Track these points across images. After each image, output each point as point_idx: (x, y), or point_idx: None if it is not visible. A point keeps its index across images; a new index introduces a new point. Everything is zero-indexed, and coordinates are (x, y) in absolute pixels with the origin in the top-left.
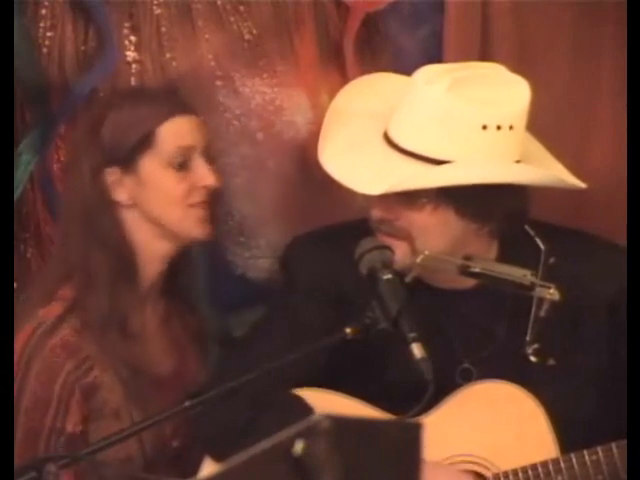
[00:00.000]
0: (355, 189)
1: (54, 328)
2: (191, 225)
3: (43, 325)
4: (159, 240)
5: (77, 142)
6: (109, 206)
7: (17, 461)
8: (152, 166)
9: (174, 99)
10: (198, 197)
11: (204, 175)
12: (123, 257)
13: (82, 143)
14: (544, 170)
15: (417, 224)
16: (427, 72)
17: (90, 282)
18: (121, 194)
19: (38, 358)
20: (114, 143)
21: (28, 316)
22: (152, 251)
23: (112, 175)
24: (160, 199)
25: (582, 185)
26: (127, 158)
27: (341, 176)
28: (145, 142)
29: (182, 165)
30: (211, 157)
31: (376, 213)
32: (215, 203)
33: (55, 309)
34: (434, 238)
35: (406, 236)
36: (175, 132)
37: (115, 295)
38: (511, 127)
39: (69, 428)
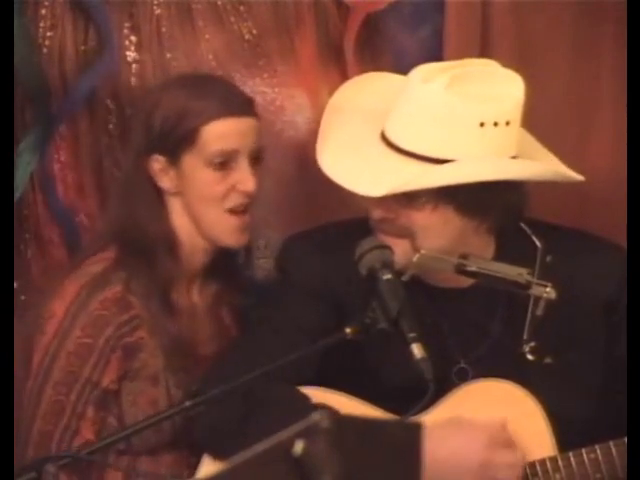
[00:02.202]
0: (356, 191)
1: (106, 282)
2: (225, 231)
3: (95, 278)
4: (199, 235)
5: (132, 122)
6: (154, 191)
7: (44, 406)
8: (193, 163)
9: (231, 97)
10: (235, 200)
11: (244, 179)
12: (165, 238)
13: (135, 125)
14: (544, 165)
15: (418, 223)
16: (423, 70)
17: (132, 255)
18: (166, 182)
19: (88, 309)
20: (162, 132)
21: (73, 273)
22: (194, 244)
23: (158, 163)
24: (198, 197)
25: (580, 178)
26: (172, 150)
27: (341, 179)
28: (188, 138)
29: (223, 165)
30: (258, 161)
31: (376, 213)
32: (252, 211)
33: (104, 264)
34: (434, 236)
35: (407, 234)
36: (219, 134)
37: (156, 271)
38: (507, 123)
39: (104, 383)
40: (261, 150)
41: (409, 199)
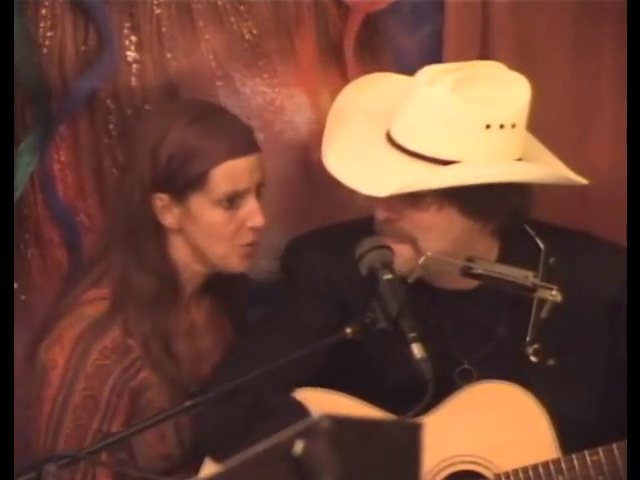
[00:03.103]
0: (362, 192)
1: (104, 328)
2: (233, 261)
3: (93, 325)
4: (199, 264)
5: (134, 151)
6: (155, 228)
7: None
8: (201, 204)
9: (237, 134)
10: (245, 239)
11: (253, 216)
12: (166, 278)
13: (139, 155)
14: (549, 167)
15: (422, 224)
16: (429, 72)
17: (132, 301)
18: (168, 220)
19: (89, 359)
20: (168, 171)
21: (68, 316)
22: (192, 271)
23: (162, 201)
24: (206, 235)
25: (583, 181)
26: (178, 190)
27: (347, 179)
28: (197, 181)
29: (232, 204)
30: (263, 194)
31: (380, 214)
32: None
33: (100, 307)
34: (438, 238)
35: (409, 239)
36: (230, 175)
37: (157, 314)
38: (513, 125)
39: (114, 429)
40: (264, 179)
41: (414, 200)
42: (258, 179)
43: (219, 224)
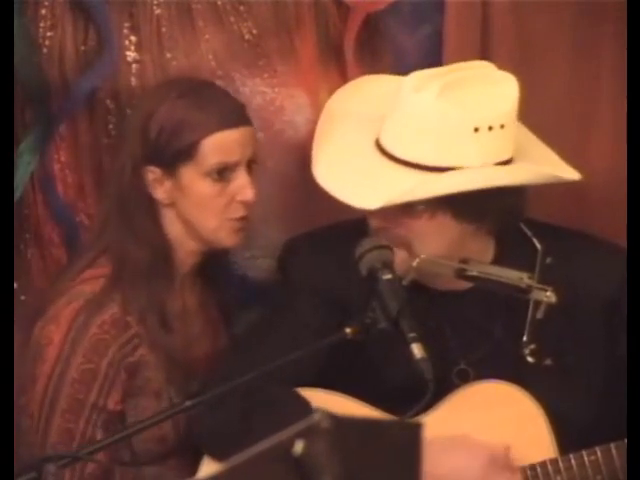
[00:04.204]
0: (353, 205)
1: (102, 304)
2: (224, 235)
3: (91, 301)
4: (191, 240)
5: (125, 129)
6: (148, 202)
7: (54, 434)
8: (192, 175)
9: (229, 107)
10: (236, 213)
11: (244, 189)
12: (160, 251)
13: (129, 132)
14: (542, 168)
15: (415, 231)
16: (415, 79)
17: (128, 272)
18: (160, 193)
19: (87, 334)
20: (158, 144)
21: (66, 293)
22: (185, 247)
23: (153, 174)
24: (197, 207)
25: (575, 177)
26: (169, 162)
27: (336, 191)
28: (188, 152)
29: (222, 177)
30: (254, 166)
31: (374, 223)
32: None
33: (98, 285)
34: (432, 243)
35: (404, 244)
36: (220, 147)
37: (153, 286)
38: (502, 126)
39: (110, 406)
40: (256, 155)
41: (406, 208)
42: (249, 153)
43: (209, 196)
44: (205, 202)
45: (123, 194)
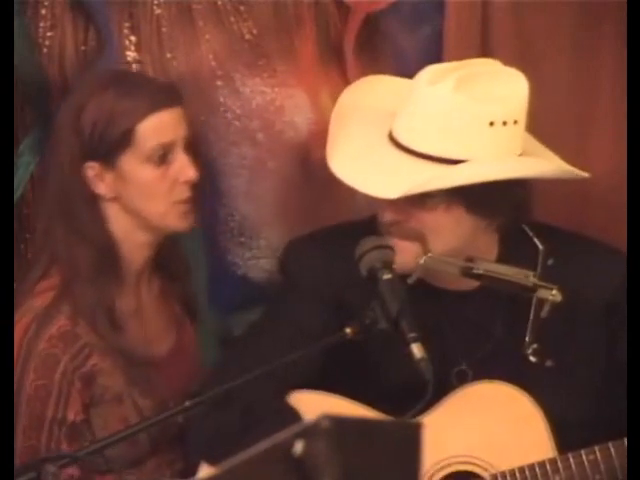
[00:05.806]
0: (371, 194)
1: (50, 318)
2: (174, 219)
3: (39, 316)
4: (140, 231)
5: (57, 130)
6: (89, 199)
7: (19, 452)
8: (132, 163)
9: (157, 89)
10: (181, 194)
11: (184, 169)
12: (105, 249)
13: (62, 131)
14: (555, 163)
15: (429, 224)
16: (430, 72)
17: (74, 275)
18: (102, 188)
19: (36, 349)
20: (93, 138)
21: (19, 309)
22: (134, 241)
23: (92, 170)
24: (142, 195)
25: (585, 174)
26: (106, 154)
27: (354, 182)
28: (124, 140)
29: (162, 159)
30: (193, 147)
31: (387, 215)
32: (198, 193)
33: (47, 298)
34: (446, 237)
35: (418, 237)
36: (156, 128)
37: (100, 286)
38: (515, 122)
39: (71, 417)
40: (193, 137)
41: (422, 200)
42: (184, 132)
43: (152, 181)
44: (149, 188)
45: (63, 194)
